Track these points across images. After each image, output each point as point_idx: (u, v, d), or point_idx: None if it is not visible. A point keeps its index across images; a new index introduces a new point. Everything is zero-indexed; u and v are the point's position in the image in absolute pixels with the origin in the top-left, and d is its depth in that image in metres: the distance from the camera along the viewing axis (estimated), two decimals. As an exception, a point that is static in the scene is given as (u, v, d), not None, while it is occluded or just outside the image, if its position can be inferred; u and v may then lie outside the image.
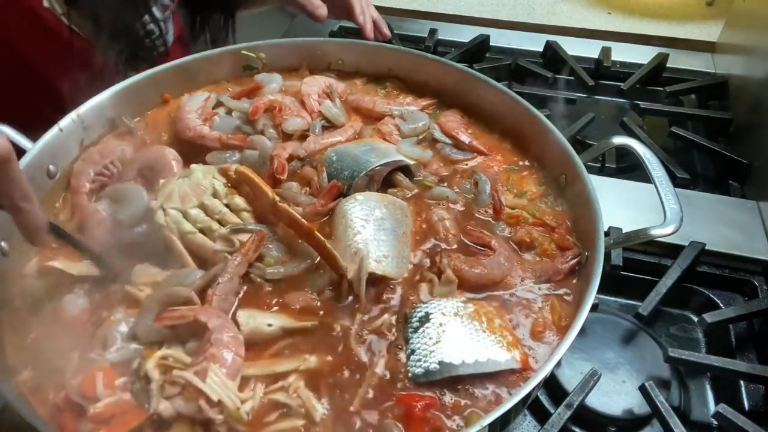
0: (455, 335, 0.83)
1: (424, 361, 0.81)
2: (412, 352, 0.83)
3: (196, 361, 0.78)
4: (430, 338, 0.83)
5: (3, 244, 0.93)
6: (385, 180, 1.08)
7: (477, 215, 1.04)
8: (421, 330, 0.84)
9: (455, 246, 0.99)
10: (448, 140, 1.18)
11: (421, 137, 1.19)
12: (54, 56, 1.21)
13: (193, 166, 1.01)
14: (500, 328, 0.85)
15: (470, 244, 0.99)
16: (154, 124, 1.20)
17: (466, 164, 1.14)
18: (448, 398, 0.80)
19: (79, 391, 0.79)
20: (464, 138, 1.17)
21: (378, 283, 0.92)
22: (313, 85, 1.25)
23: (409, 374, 0.82)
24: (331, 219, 1.01)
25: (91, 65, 1.15)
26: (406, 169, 1.10)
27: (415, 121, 1.20)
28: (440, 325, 0.84)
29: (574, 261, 0.95)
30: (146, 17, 1.31)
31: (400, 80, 1.32)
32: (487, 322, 0.85)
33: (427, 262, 0.96)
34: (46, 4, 1.19)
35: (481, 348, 0.82)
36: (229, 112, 1.19)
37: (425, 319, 0.85)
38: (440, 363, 0.81)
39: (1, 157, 0.70)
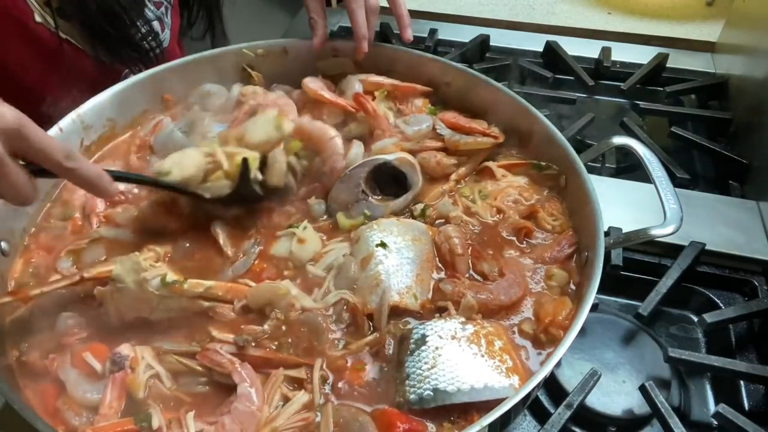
0: (452, 360, 0.80)
1: (418, 388, 0.78)
2: (407, 376, 0.80)
3: (209, 419, 0.77)
4: (426, 363, 0.80)
5: (3, 244, 0.94)
6: None
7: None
8: (416, 353, 0.81)
9: (463, 267, 0.95)
10: (451, 133, 1.14)
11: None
12: (49, 69, 1.19)
13: None
14: (500, 351, 0.82)
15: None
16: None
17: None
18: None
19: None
20: (463, 121, 1.14)
21: (397, 312, 0.90)
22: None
23: (403, 399, 0.79)
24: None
25: (87, 74, 1.14)
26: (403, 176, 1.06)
27: (419, 122, 1.15)
28: (436, 348, 0.81)
29: (570, 250, 0.96)
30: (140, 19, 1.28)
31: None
32: (486, 345, 0.82)
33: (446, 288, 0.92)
34: (38, 19, 1.15)
35: (478, 374, 0.78)
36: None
37: (421, 341, 0.82)
38: (434, 390, 0.78)
39: (12, 128, 0.67)
